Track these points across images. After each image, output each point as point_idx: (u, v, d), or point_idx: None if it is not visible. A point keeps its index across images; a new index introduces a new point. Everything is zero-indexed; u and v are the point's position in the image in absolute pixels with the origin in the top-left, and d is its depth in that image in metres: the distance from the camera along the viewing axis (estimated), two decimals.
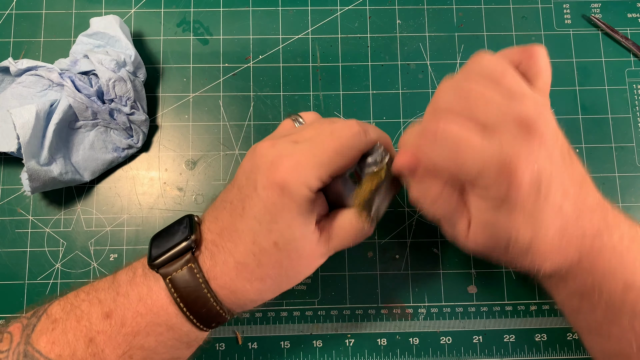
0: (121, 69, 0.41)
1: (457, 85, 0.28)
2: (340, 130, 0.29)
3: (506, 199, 0.26)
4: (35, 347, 0.28)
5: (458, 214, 0.29)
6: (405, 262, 0.43)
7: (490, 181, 0.26)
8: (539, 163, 0.26)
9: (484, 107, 0.27)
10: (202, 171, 0.45)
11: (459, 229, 0.30)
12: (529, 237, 0.27)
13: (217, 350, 0.42)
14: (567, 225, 0.27)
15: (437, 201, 0.29)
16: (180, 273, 0.29)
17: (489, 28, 0.47)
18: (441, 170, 0.28)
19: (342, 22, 0.47)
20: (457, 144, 0.26)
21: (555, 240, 0.27)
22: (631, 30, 0.47)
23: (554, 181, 0.26)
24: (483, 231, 0.28)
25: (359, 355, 0.42)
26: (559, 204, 0.27)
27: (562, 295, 0.31)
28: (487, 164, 0.26)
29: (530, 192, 0.26)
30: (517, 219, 0.26)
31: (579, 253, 0.28)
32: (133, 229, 0.43)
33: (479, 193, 0.27)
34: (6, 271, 0.42)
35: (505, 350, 0.42)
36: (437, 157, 0.28)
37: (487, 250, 0.29)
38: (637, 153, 0.45)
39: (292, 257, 0.29)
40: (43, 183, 0.39)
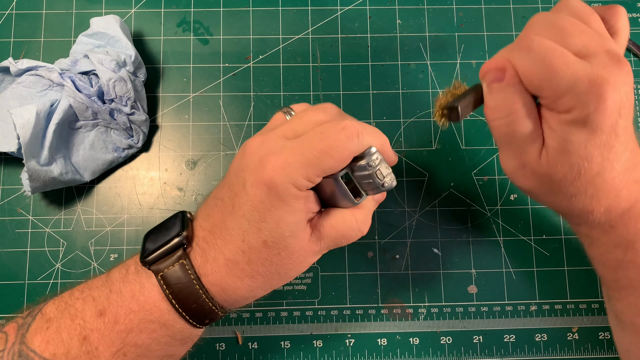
0: (121, 69, 0.41)
1: (550, 15, 0.29)
2: (331, 130, 0.28)
3: (588, 120, 0.26)
4: (29, 346, 0.28)
5: (533, 134, 0.29)
6: (405, 262, 0.43)
7: (577, 100, 0.26)
8: (623, 94, 0.26)
9: (578, 34, 0.27)
10: (202, 171, 0.45)
11: (531, 152, 0.29)
12: (599, 165, 0.27)
13: (217, 350, 0.42)
14: (627, 167, 0.28)
15: (514, 116, 0.29)
16: (171, 269, 0.29)
17: (489, 28, 0.47)
18: (530, 79, 0.28)
19: (342, 22, 0.47)
20: (552, 55, 0.27)
21: (617, 176, 0.28)
22: (631, 30, 0.47)
23: (627, 119, 0.27)
24: (557, 155, 0.28)
25: (359, 355, 0.42)
26: (625, 144, 0.27)
27: (606, 247, 0.31)
28: (579, 79, 0.26)
29: (611, 118, 0.26)
30: (594, 143, 0.27)
31: (632, 199, 0.29)
32: (133, 229, 0.43)
33: (562, 111, 0.27)
34: (6, 271, 0.42)
35: (505, 350, 0.42)
36: (529, 65, 0.27)
37: (552, 181, 0.29)
38: None
39: (281, 255, 0.29)
40: (43, 183, 0.39)
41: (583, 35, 0.28)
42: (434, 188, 0.45)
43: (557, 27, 0.28)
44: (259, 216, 0.28)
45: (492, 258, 0.44)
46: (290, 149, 0.28)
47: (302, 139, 0.29)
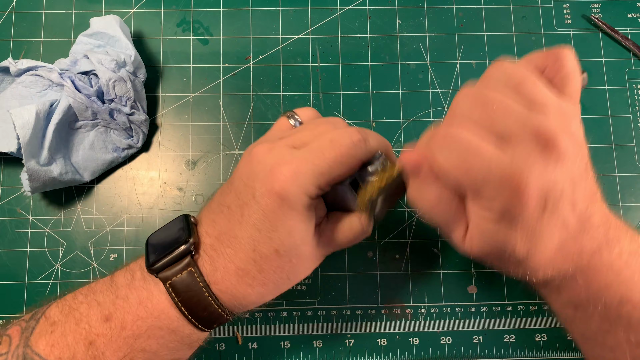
0: (121, 69, 0.41)
1: (476, 92, 0.27)
2: (340, 138, 0.29)
3: (509, 213, 0.25)
4: (34, 349, 0.28)
5: (456, 219, 0.29)
6: (405, 262, 0.43)
7: (495, 193, 0.25)
8: (551, 180, 0.24)
9: (502, 116, 0.26)
10: (202, 171, 0.45)
11: (456, 234, 0.29)
12: (526, 251, 0.26)
13: (217, 350, 0.42)
14: (566, 242, 0.27)
15: (436, 205, 0.29)
16: (180, 277, 0.29)
17: (489, 28, 0.47)
18: (446, 175, 0.27)
19: (342, 22, 0.47)
20: (467, 149, 0.26)
21: (552, 256, 0.27)
22: (631, 30, 0.47)
23: (563, 199, 0.25)
24: (480, 239, 0.28)
25: (359, 355, 0.42)
26: (563, 221, 0.26)
27: (557, 304, 0.31)
28: (495, 174, 0.25)
29: (535, 210, 0.25)
30: (517, 233, 0.26)
31: (575, 268, 0.28)
32: (133, 229, 0.43)
33: (481, 203, 0.27)
34: (6, 271, 0.42)
35: (505, 351, 0.42)
36: (444, 160, 0.27)
37: (483, 257, 0.29)
38: (637, 153, 0.45)
39: (293, 262, 0.29)
40: (43, 183, 0.39)
41: (507, 116, 0.26)
42: None
43: (480, 107, 0.26)
44: (271, 226, 0.28)
45: None
46: (301, 158, 0.28)
47: (312, 147, 0.29)
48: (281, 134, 0.32)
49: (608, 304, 0.28)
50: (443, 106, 0.46)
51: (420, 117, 0.46)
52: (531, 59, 0.29)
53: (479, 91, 0.27)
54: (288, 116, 0.33)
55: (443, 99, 0.46)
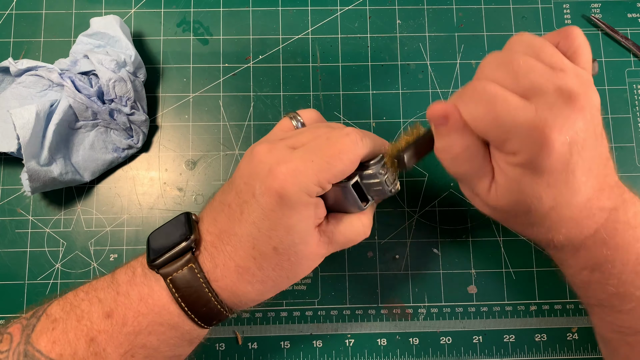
0: (121, 69, 0.41)
1: (501, 54, 0.29)
2: (337, 137, 0.29)
3: (535, 163, 0.26)
4: (35, 346, 0.28)
5: (483, 169, 0.29)
6: (405, 262, 0.43)
7: (521, 142, 0.26)
8: (572, 133, 0.26)
9: (526, 73, 0.27)
10: (202, 171, 0.45)
11: (481, 187, 0.30)
12: (550, 204, 0.27)
13: (217, 350, 0.42)
14: (588, 198, 0.28)
15: (462, 154, 0.29)
16: (180, 273, 0.29)
17: (489, 28, 0.47)
18: (474, 123, 0.28)
19: (342, 22, 0.47)
20: (494, 99, 0.27)
21: (575, 211, 0.28)
22: (631, 30, 0.47)
23: (583, 154, 0.26)
24: (506, 192, 0.28)
25: (359, 355, 0.42)
26: (585, 176, 0.27)
27: (573, 268, 0.31)
28: (521, 123, 0.26)
29: (560, 160, 0.26)
30: (542, 185, 0.27)
31: (595, 226, 0.29)
32: (133, 229, 0.43)
33: (507, 152, 0.27)
34: (6, 271, 0.42)
35: (505, 351, 0.42)
36: (472, 110, 0.28)
37: (505, 212, 0.30)
38: (637, 153, 0.45)
39: (292, 261, 0.30)
40: (43, 183, 0.39)
41: (532, 74, 0.27)
42: (434, 188, 0.45)
43: (506, 68, 0.28)
44: (270, 224, 0.28)
45: (492, 258, 0.44)
46: (300, 157, 0.28)
47: (310, 145, 0.29)
48: (283, 134, 0.33)
49: (625, 263, 0.28)
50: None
51: (420, 117, 0.46)
52: (545, 37, 0.30)
53: (504, 53, 0.29)
54: (290, 117, 0.34)
55: (443, 99, 0.46)
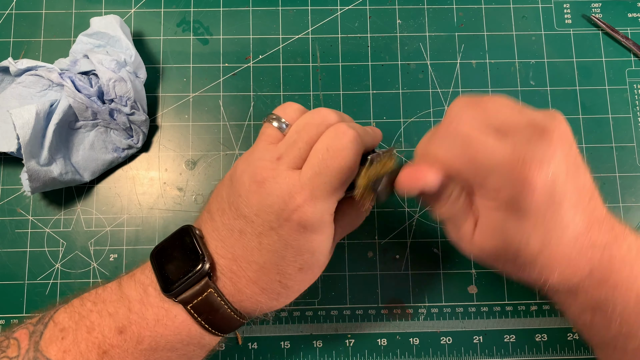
0: (121, 69, 0.41)
1: (468, 98, 0.28)
2: (336, 143, 0.28)
3: (517, 203, 0.25)
4: (45, 354, 0.28)
5: (465, 215, 0.29)
6: (405, 262, 0.43)
7: (502, 183, 0.25)
8: (553, 166, 0.25)
9: (496, 112, 0.27)
10: (202, 171, 0.45)
11: (464, 231, 0.29)
12: (539, 245, 0.26)
13: (217, 350, 0.42)
14: (578, 235, 0.27)
15: (443, 201, 0.29)
16: (201, 300, 0.29)
17: (489, 28, 0.47)
18: (450, 169, 0.27)
19: (342, 22, 0.47)
20: (468, 140, 0.26)
21: (567, 250, 0.27)
22: (631, 30, 0.47)
23: (567, 188, 0.26)
24: (491, 235, 0.27)
25: (359, 355, 0.42)
26: (571, 211, 0.26)
27: (574, 310, 0.30)
28: (500, 163, 0.25)
29: (543, 196, 0.25)
30: (528, 226, 0.26)
31: (590, 265, 0.27)
32: (133, 229, 0.43)
33: (489, 195, 0.27)
34: (6, 271, 0.42)
35: (505, 351, 0.42)
36: (447, 155, 0.27)
37: (492, 256, 0.29)
38: (638, 153, 0.45)
39: (314, 272, 0.31)
40: (43, 183, 0.39)
41: (501, 110, 0.27)
42: None
43: (475, 106, 0.27)
44: (295, 251, 0.29)
45: None
46: (311, 181, 0.28)
47: (314, 164, 0.28)
48: (272, 148, 0.30)
49: (625, 303, 0.27)
50: (443, 106, 0.46)
51: (420, 117, 0.46)
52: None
53: (471, 97, 0.28)
54: (271, 120, 0.31)
55: (443, 99, 0.46)
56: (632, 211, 0.44)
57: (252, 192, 0.29)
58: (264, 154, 0.30)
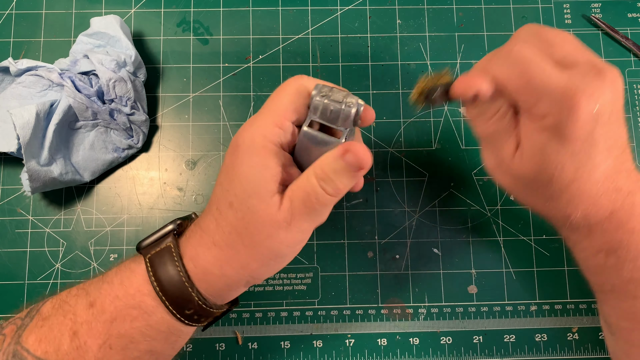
0: (121, 69, 0.41)
1: (536, 26, 0.30)
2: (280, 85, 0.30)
3: (561, 129, 0.27)
4: (24, 345, 0.28)
5: (507, 135, 0.30)
6: (405, 262, 0.43)
7: (550, 107, 0.27)
8: (600, 104, 0.26)
9: (561, 44, 0.28)
10: (202, 171, 0.45)
11: (506, 152, 0.30)
12: (572, 174, 0.28)
13: (217, 351, 0.42)
14: (607, 176, 0.28)
15: (490, 117, 0.30)
16: (159, 251, 0.29)
17: (489, 28, 0.47)
18: (505, 86, 0.28)
19: (342, 22, 0.47)
20: (530, 63, 0.27)
21: (595, 184, 0.28)
22: (631, 30, 0.47)
23: (606, 129, 0.27)
24: (530, 158, 0.29)
25: (359, 355, 0.42)
26: (605, 152, 0.28)
27: (588, 251, 0.31)
28: (554, 88, 0.27)
29: (585, 128, 0.26)
30: (566, 153, 0.27)
31: (612, 206, 0.29)
32: (133, 229, 0.43)
33: (536, 118, 0.28)
34: (6, 271, 0.42)
35: (505, 351, 0.42)
36: (505, 72, 0.28)
37: (527, 180, 0.29)
38: (638, 153, 0.45)
39: (245, 220, 0.27)
40: (43, 183, 0.39)
41: (566, 45, 0.28)
42: (434, 188, 0.45)
43: (541, 36, 0.29)
44: (228, 177, 0.28)
45: (492, 258, 0.44)
46: (257, 113, 0.29)
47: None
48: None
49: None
50: (443, 106, 0.46)
51: (420, 117, 0.46)
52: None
53: (539, 26, 0.30)
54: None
55: None
56: None
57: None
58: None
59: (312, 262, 0.43)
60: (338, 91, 0.29)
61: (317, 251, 0.44)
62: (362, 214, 0.44)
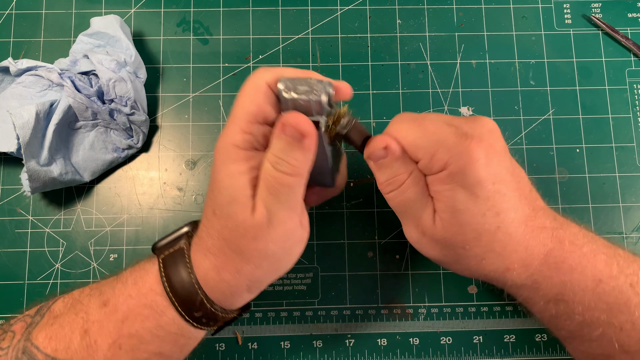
0: (121, 69, 0.41)
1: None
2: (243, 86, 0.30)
3: (466, 176, 0.28)
4: (33, 342, 0.29)
5: (422, 203, 0.30)
6: (405, 262, 0.43)
7: (449, 155, 0.28)
8: (492, 139, 0.28)
9: (435, 115, 0.31)
10: (202, 171, 0.45)
11: (425, 220, 0.30)
12: (495, 218, 0.28)
13: (217, 351, 0.42)
14: (527, 217, 0.29)
15: (403, 185, 0.30)
16: (171, 252, 0.30)
17: (489, 28, 0.47)
18: (408, 142, 0.30)
19: (342, 22, 0.47)
20: (422, 118, 0.30)
21: (520, 226, 0.29)
22: (631, 30, 0.47)
23: (509, 172, 0.29)
24: (450, 218, 0.29)
25: (359, 355, 0.42)
26: (516, 196, 0.29)
27: (539, 305, 0.31)
28: (447, 136, 0.28)
29: (487, 171, 0.28)
30: (480, 202, 0.28)
31: (543, 247, 0.29)
32: (133, 229, 0.43)
33: (442, 175, 0.29)
34: (6, 271, 0.42)
35: (505, 351, 0.42)
36: (404, 128, 0.30)
37: (454, 244, 0.29)
38: (638, 153, 0.45)
39: (229, 227, 0.28)
40: (43, 183, 0.39)
41: (439, 115, 0.31)
42: None
43: (417, 115, 0.31)
44: (211, 187, 0.29)
45: None
46: (226, 122, 0.30)
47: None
48: None
49: (584, 287, 0.29)
50: (443, 106, 0.46)
51: None
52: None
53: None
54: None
55: (443, 99, 0.46)
56: (632, 211, 0.44)
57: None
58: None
59: (312, 262, 0.43)
60: (304, 81, 0.28)
61: (317, 251, 0.44)
62: (362, 214, 0.44)
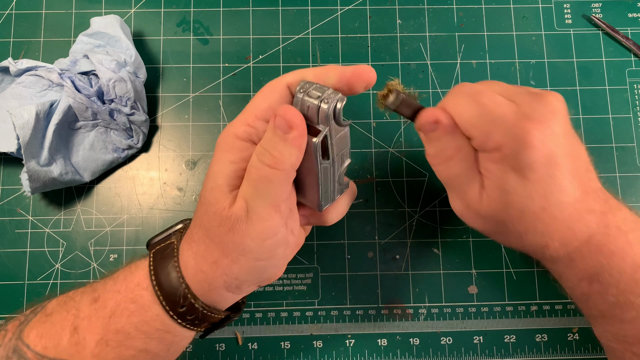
0: (121, 69, 0.41)
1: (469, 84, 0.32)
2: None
3: (519, 160, 0.27)
4: (24, 340, 0.28)
5: (470, 177, 0.30)
6: (405, 263, 0.43)
7: (505, 137, 0.27)
8: (552, 129, 0.27)
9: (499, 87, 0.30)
10: (202, 171, 0.45)
11: (472, 195, 0.30)
12: (542, 201, 0.28)
13: (217, 351, 0.42)
14: (576, 199, 0.28)
15: (452, 159, 0.30)
16: (162, 246, 0.30)
17: (489, 28, 0.47)
18: (461, 118, 0.29)
19: (342, 22, 0.47)
20: (481, 94, 0.29)
21: (567, 209, 0.28)
22: (632, 30, 0.47)
23: (564, 153, 0.28)
24: (497, 195, 0.29)
25: (359, 355, 0.42)
26: (569, 175, 0.28)
27: (571, 281, 0.31)
28: (505, 116, 0.27)
29: (543, 155, 0.27)
30: (530, 182, 0.27)
31: (588, 230, 0.29)
32: (133, 229, 0.43)
33: (494, 155, 0.28)
34: (6, 271, 0.42)
35: (505, 351, 0.42)
36: (460, 104, 0.29)
37: (497, 219, 0.29)
38: (638, 153, 0.45)
39: (208, 215, 0.28)
40: (43, 183, 0.39)
41: (497, 85, 0.30)
42: (434, 188, 0.45)
43: (479, 85, 0.31)
44: (206, 175, 0.30)
45: (492, 258, 0.44)
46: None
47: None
48: None
49: (622, 270, 0.28)
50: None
51: None
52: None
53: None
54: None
55: None
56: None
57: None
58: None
59: (312, 262, 0.43)
60: (320, 88, 0.27)
61: (317, 251, 0.44)
62: (362, 214, 0.44)
